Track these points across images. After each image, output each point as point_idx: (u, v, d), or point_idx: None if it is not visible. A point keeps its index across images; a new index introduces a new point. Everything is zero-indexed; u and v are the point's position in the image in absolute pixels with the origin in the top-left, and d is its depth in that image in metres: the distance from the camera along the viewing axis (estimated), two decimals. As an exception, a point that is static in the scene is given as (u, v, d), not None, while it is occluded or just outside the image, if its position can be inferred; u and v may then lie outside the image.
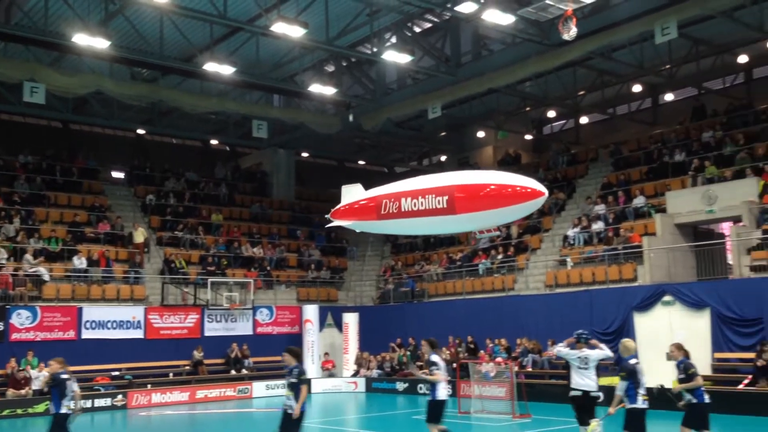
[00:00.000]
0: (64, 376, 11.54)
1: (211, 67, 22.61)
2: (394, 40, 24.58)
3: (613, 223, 24.62)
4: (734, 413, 16.77)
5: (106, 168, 32.35)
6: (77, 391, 11.86)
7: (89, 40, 20.19)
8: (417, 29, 25.47)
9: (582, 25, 18.97)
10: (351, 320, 28.85)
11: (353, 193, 14.23)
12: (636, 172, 26.76)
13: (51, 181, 29.18)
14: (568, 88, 28.95)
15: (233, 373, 26.29)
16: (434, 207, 12.26)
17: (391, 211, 13.01)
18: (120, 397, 22.87)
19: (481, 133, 35.30)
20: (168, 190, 32.00)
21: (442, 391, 12.03)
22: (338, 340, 29.12)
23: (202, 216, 31.44)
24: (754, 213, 20.91)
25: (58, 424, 11.38)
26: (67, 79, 23.41)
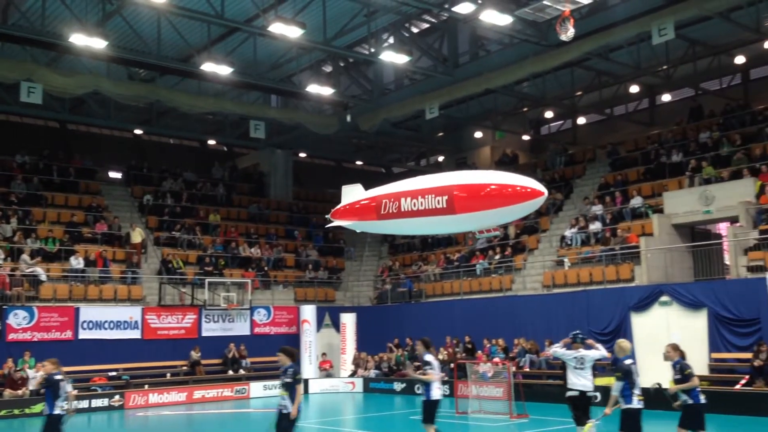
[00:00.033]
0: (58, 377, 11.53)
1: (209, 68, 22.58)
2: (391, 41, 24.57)
3: (611, 224, 24.64)
4: (731, 413, 16.82)
5: (103, 168, 32.35)
6: (71, 392, 11.86)
7: (86, 41, 20.14)
8: (414, 30, 25.44)
9: (579, 26, 18.94)
10: (348, 320, 28.84)
11: (353, 194, 14.23)
12: (633, 173, 26.79)
13: (48, 182, 29.14)
14: (565, 88, 28.97)
15: (231, 373, 26.27)
16: (434, 207, 12.25)
17: (391, 211, 13.01)
18: (117, 397, 22.87)
19: (478, 134, 35.33)
20: (165, 191, 31.97)
21: (436, 391, 11.99)
22: (336, 341, 29.11)
23: (199, 216, 31.42)
24: (751, 213, 20.94)
25: (52, 425, 11.38)
26: (64, 79, 23.37)
